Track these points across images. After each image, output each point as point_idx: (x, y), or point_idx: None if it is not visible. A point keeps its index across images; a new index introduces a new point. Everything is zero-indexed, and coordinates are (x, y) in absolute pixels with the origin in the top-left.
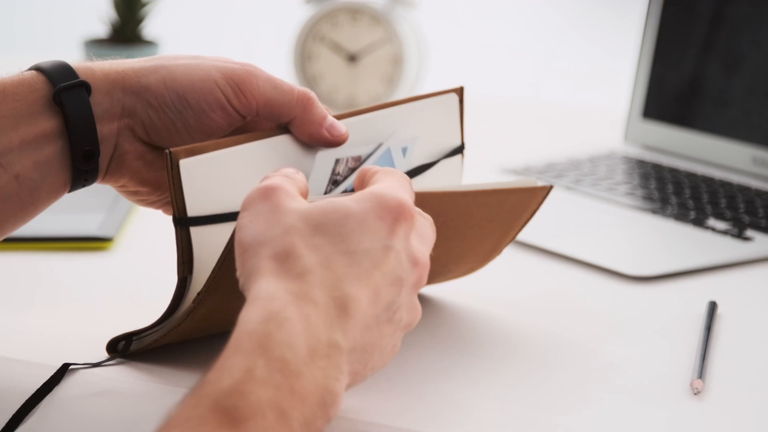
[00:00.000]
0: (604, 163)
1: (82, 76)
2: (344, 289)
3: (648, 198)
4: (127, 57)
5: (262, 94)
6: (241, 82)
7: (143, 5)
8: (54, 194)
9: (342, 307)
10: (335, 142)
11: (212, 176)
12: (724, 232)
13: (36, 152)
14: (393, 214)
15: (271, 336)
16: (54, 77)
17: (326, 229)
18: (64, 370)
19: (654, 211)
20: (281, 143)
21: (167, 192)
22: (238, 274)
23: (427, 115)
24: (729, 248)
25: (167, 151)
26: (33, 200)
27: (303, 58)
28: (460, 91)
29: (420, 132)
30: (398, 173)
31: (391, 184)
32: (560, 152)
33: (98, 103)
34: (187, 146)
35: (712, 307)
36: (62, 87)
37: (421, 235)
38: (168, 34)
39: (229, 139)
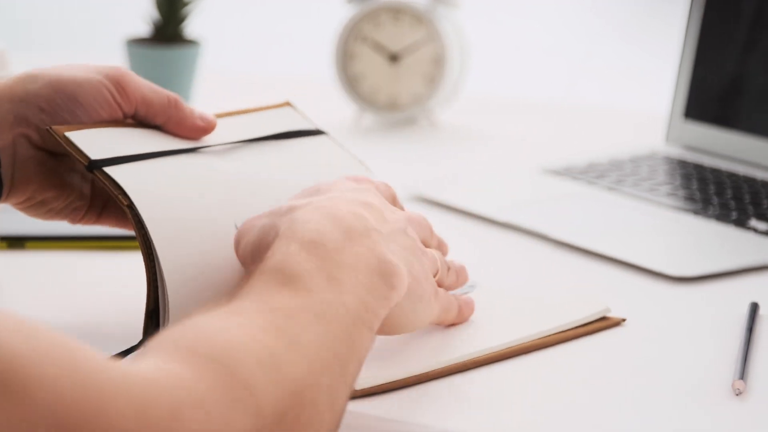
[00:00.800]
0: (646, 163)
1: None
2: (356, 209)
3: (689, 198)
4: (168, 56)
5: (141, 93)
6: (122, 81)
7: (185, 4)
8: None
9: (363, 204)
10: (209, 128)
11: (99, 138)
12: (766, 233)
13: None
14: (355, 178)
15: (295, 231)
16: None
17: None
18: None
19: (695, 212)
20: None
21: (72, 195)
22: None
23: (270, 119)
24: None
25: (48, 128)
26: None
27: (344, 57)
28: (288, 103)
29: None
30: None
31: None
32: (601, 153)
33: None
34: (68, 125)
35: (754, 308)
36: None
37: (412, 218)
38: (209, 33)
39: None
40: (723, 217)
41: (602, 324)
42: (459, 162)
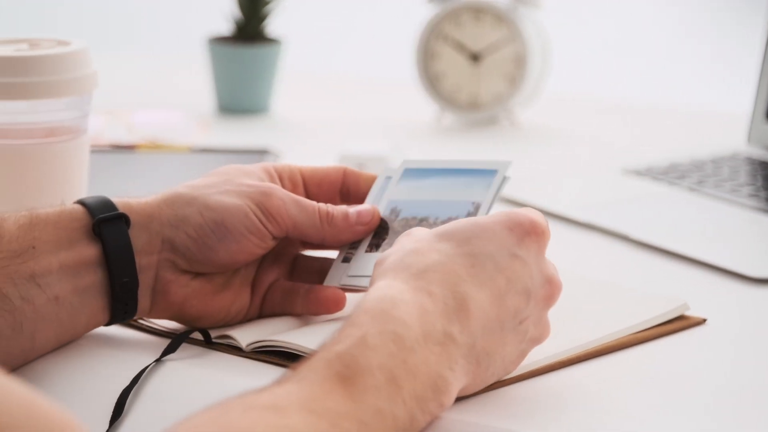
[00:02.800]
0: (727, 164)
1: (121, 210)
2: (464, 287)
3: None
4: (250, 55)
5: (290, 217)
6: (270, 207)
7: (267, 3)
8: (94, 321)
9: (461, 303)
10: (371, 227)
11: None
12: None
13: (75, 278)
14: (524, 228)
15: (386, 312)
16: (94, 209)
17: (451, 235)
18: (182, 339)
19: None
20: None
21: (230, 313)
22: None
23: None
24: None
25: None
26: (73, 324)
27: (425, 57)
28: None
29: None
30: None
31: (525, 209)
32: (683, 153)
33: (137, 236)
34: None
35: None
36: (102, 218)
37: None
38: (291, 32)
39: None
40: None
41: (682, 323)
42: (539, 162)
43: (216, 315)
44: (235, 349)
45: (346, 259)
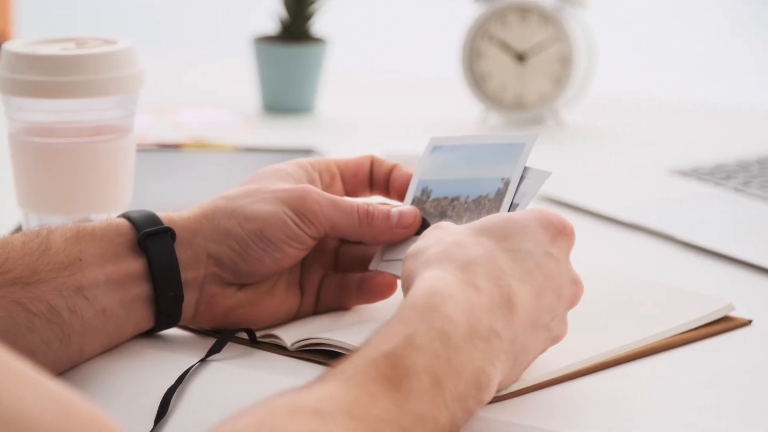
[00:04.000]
0: None
1: (165, 225)
2: (509, 282)
3: None
4: (295, 55)
5: (327, 219)
6: (306, 210)
7: (312, 2)
8: (138, 329)
9: (506, 299)
10: (413, 228)
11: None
12: None
13: (121, 291)
14: (555, 227)
15: (435, 308)
16: (139, 224)
17: (489, 230)
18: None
19: None
20: None
21: (277, 317)
22: (401, 281)
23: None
24: None
25: None
26: (119, 334)
27: (471, 56)
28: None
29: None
30: None
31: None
32: (728, 154)
33: (181, 251)
34: None
35: None
36: (147, 232)
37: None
38: (336, 31)
39: None
40: None
41: (728, 324)
42: (585, 162)
43: (263, 321)
44: (280, 348)
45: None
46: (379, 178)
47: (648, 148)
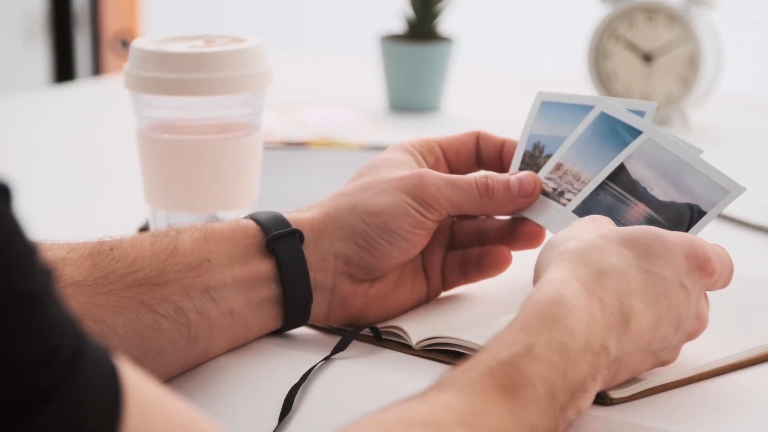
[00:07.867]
0: None
1: (293, 226)
2: (632, 303)
3: None
4: (422, 53)
5: (447, 201)
6: (426, 196)
7: (439, 1)
8: (265, 329)
9: (625, 318)
10: (534, 196)
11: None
12: None
13: (249, 292)
14: (698, 262)
15: (559, 319)
16: (267, 226)
17: (634, 243)
18: (352, 337)
19: None
20: None
21: (408, 306)
22: (535, 270)
23: None
24: None
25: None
26: (245, 334)
27: (598, 56)
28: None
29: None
30: None
31: (710, 244)
32: None
33: (310, 252)
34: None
35: None
36: (276, 235)
37: (707, 302)
38: (462, 30)
39: None
40: None
41: None
42: (713, 163)
43: (395, 313)
44: (405, 346)
45: None
46: (488, 153)
47: (746, 149)
